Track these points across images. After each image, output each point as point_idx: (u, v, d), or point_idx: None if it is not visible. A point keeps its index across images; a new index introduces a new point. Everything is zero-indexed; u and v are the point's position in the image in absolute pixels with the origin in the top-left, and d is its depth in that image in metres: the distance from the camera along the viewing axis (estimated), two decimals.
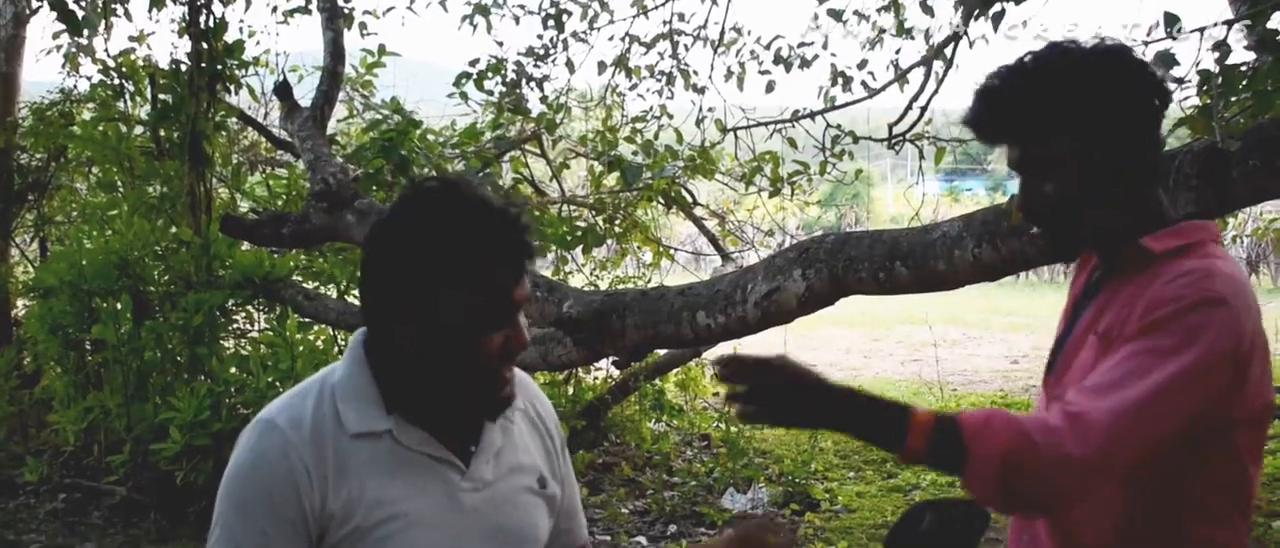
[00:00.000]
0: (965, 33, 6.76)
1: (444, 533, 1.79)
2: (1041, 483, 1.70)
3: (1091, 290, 2.05)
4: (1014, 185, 2.41)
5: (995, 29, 6.79)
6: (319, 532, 1.72)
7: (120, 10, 8.14)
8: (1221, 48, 3.79)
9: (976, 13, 4.87)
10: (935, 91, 7.35)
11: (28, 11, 9.75)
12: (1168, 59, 3.66)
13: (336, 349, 7.42)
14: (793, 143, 8.16)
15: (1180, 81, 3.66)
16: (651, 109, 8.95)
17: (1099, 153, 1.89)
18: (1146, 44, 4.16)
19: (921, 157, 7.63)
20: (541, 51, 8.56)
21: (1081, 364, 1.94)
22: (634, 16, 8.80)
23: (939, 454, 1.75)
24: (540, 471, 1.96)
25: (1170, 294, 1.78)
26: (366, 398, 1.78)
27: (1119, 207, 1.93)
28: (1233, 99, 3.59)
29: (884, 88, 7.71)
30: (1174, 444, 1.77)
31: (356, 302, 7.49)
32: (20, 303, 9.40)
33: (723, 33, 8.62)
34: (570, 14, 8.55)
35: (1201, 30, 4.02)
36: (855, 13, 7.96)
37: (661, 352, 8.12)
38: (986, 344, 17.43)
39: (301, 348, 6.59)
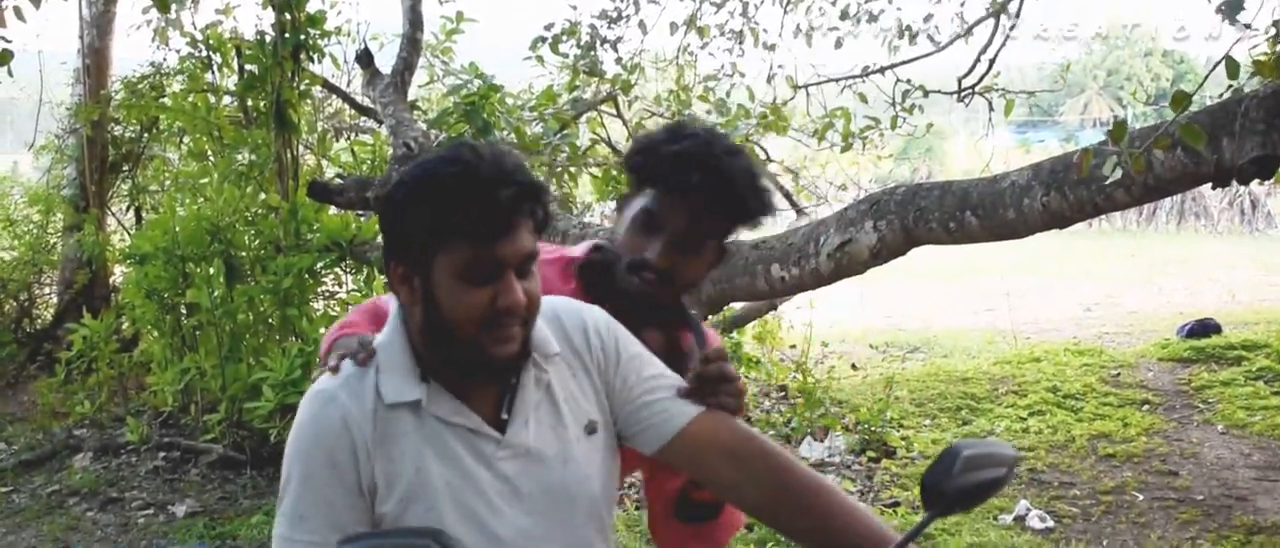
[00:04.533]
0: None
1: (484, 503, 1.73)
2: None
3: None
4: (1087, 137, 2.48)
5: None
6: (370, 502, 1.70)
7: None
8: None
9: None
10: (1003, 44, 7.38)
11: None
12: (1236, 6, 3.69)
13: None
14: (863, 98, 8.20)
15: (1248, 27, 3.69)
16: (723, 67, 8.95)
17: None
18: None
19: (990, 109, 7.65)
20: (614, 14, 8.58)
21: None
22: None
23: None
24: (589, 415, 1.84)
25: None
26: (402, 367, 1.74)
27: None
28: None
29: (950, 42, 7.72)
30: None
31: None
32: (118, 269, 9.65)
33: None
34: None
35: None
36: None
37: (738, 305, 8.22)
38: (1059, 293, 17.22)
39: None
